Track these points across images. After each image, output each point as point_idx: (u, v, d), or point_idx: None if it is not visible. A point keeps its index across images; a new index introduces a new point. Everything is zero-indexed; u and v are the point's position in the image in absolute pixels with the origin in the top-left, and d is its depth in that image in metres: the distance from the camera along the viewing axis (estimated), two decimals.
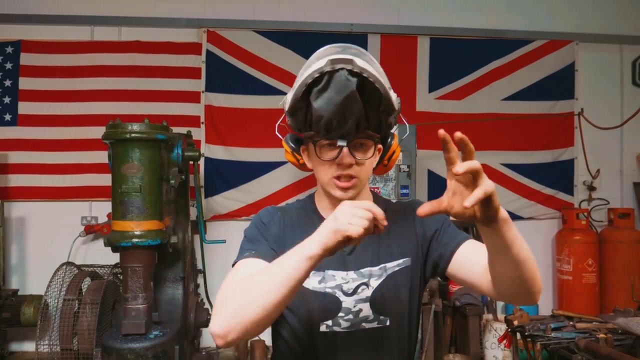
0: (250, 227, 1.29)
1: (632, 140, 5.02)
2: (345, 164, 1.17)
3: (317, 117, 1.12)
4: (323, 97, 1.09)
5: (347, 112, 1.11)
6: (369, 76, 1.09)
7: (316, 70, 1.08)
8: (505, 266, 1.05)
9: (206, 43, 4.56)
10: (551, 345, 2.62)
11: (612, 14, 5.00)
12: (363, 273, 1.24)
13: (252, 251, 1.19)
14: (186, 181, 3.65)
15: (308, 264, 0.98)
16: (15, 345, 4.36)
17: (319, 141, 1.19)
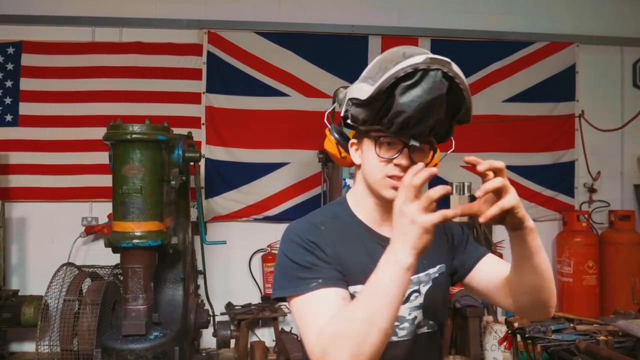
0: (296, 249, 1.17)
1: (632, 142, 5.02)
2: (404, 164, 1.14)
3: (397, 112, 1.09)
4: (410, 94, 1.06)
5: (429, 113, 1.09)
6: (460, 83, 1.09)
7: (411, 65, 1.05)
8: (526, 274, 1.13)
9: (207, 44, 4.57)
10: (551, 347, 2.62)
11: (612, 16, 5.01)
12: (413, 280, 1.22)
13: (319, 279, 1.11)
14: (187, 182, 3.65)
15: (409, 275, 0.97)
16: (16, 345, 4.36)
17: (382, 138, 1.16)
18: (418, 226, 0.94)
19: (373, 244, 1.22)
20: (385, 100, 1.10)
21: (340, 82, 4.36)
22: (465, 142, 4.79)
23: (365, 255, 1.19)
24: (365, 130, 1.20)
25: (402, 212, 0.97)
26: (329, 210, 1.30)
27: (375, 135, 1.17)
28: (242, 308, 4.38)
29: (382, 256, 1.01)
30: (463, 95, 1.12)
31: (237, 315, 4.26)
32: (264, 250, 4.59)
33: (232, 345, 4.06)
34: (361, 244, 1.21)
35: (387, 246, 1.16)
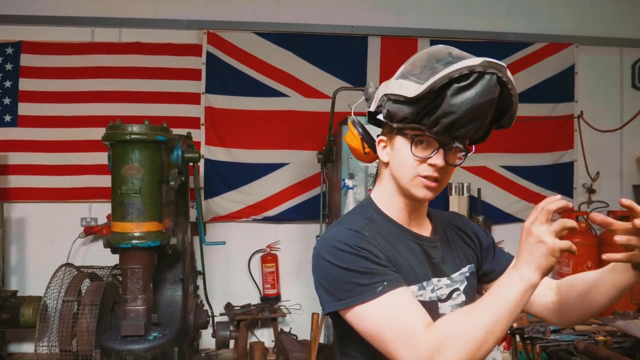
0: (347, 257, 1.10)
1: (631, 143, 5.03)
2: (439, 165, 1.14)
3: (445, 113, 1.08)
4: (463, 95, 1.05)
5: (478, 117, 1.10)
6: (512, 88, 1.10)
7: (467, 67, 1.04)
8: (609, 302, 1.20)
9: (206, 45, 4.57)
10: (550, 348, 2.62)
11: (612, 17, 5.01)
12: (454, 279, 1.25)
13: (384, 282, 1.07)
14: (186, 183, 3.65)
15: (531, 292, 0.99)
16: (14, 346, 4.36)
17: (417, 137, 1.15)
18: (545, 247, 0.96)
19: (412, 242, 1.23)
20: (434, 100, 1.09)
21: (339, 83, 4.37)
22: None
23: (410, 254, 1.20)
24: (399, 127, 1.17)
25: (530, 232, 0.99)
26: (361, 215, 1.25)
27: (412, 133, 1.15)
28: (241, 309, 4.38)
29: (506, 272, 1.04)
30: (512, 101, 1.12)
31: (237, 316, 4.25)
32: (264, 250, 4.59)
33: (231, 346, 4.06)
34: (403, 244, 1.21)
35: (424, 245, 1.24)
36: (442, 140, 1.13)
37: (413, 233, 1.24)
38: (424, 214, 1.30)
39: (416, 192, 1.18)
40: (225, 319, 4.17)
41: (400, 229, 1.23)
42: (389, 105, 1.16)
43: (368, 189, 3.58)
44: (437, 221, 1.34)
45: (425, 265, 1.21)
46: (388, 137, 1.24)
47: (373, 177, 3.39)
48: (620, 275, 1.15)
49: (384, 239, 1.18)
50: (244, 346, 4.22)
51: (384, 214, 1.25)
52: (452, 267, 1.27)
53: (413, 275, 1.17)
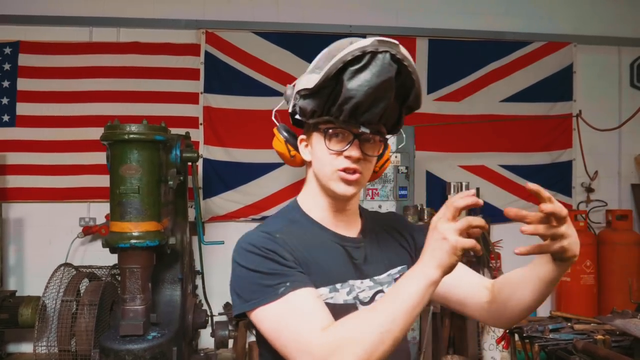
0: (254, 259, 1.09)
1: (630, 142, 5.03)
2: (355, 156, 1.12)
3: (346, 99, 1.06)
4: (359, 78, 1.03)
5: (379, 98, 1.07)
6: (409, 65, 1.07)
7: (358, 48, 1.02)
8: (539, 298, 1.15)
9: (205, 44, 4.56)
10: (549, 347, 2.62)
11: (610, 16, 5.01)
12: (377, 280, 1.21)
13: (287, 283, 1.04)
14: (184, 182, 3.65)
15: (433, 289, 0.96)
16: (13, 346, 4.35)
17: (331, 129, 1.13)
18: (448, 244, 0.93)
19: (332, 243, 1.19)
20: (334, 87, 1.08)
21: None
22: (463, 142, 4.80)
23: (327, 256, 1.16)
24: (314, 123, 1.16)
25: (436, 228, 0.96)
26: (282, 217, 1.24)
27: (324, 127, 1.14)
28: None
29: (410, 268, 1.00)
30: (412, 79, 1.09)
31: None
32: None
33: (230, 346, 4.06)
34: (321, 246, 1.17)
35: (347, 246, 1.19)
36: (354, 130, 1.11)
37: (335, 234, 1.21)
38: (353, 213, 1.26)
39: (336, 187, 1.15)
40: (224, 318, 4.17)
41: (322, 230, 1.20)
42: (300, 101, 1.15)
43: (367, 188, 3.58)
44: (368, 221, 1.30)
45: (344, 267, 1.17)
46: (307, 135, 1.22)
47: None
48: (544, 268, 1.12)
49: (300, 240, 1.15)
50: (242, 346, 4.21)
51: (307, 215, 1.22)
52: (379, 268, 1.23)
53: (324, 277, 1.12)
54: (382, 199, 3.40)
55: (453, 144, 4.78)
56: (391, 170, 3.41)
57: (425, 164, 4.73)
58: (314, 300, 1.05)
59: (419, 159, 4.50)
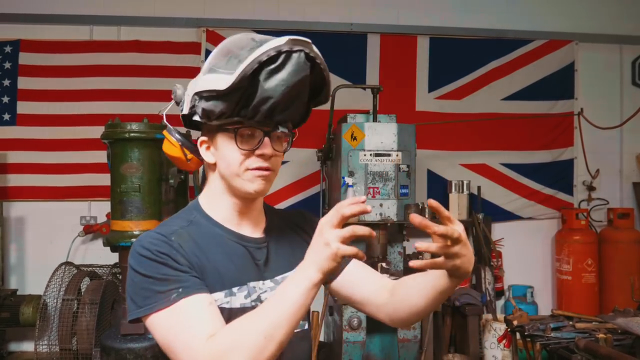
0: (147, 263, 1.05)
1: (631, 140, 5.02)
2: (268, 154, 1.11)
3: (263, 99, 1.05)
4: (276, 78, 1.03)
5: (295, 97, 1.08)
6: (321, 63, 1.09)
7: (273, 48, 1.02)
8: (430, 304, 1.18)
9: (205, 43, 4.56)
10: (551, 345, 2.61)
11: (611, 14, 5.00)
12: (278, 281, 1.19)
13: (179, 289, 1.02)
14: (185, 181, 3.64)
15: (315, 291, 0.97)
16: (14, 345, 4.35)
17: (242, 129, 1.10)
18: (329, 250, 0.94)
19: (233, 244, 1.17)
20: (247, 88, 1.05)
21: (339, 81, 4.35)
22: (464, 140, 4.80)
23: (225, 258, 1.14)
24: (219, 124, 1.13)
25: (321, 232, 0.96)
26: (181, 218, 1.19)
27: (234, 127, 1.11)
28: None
29: (294, 271, 1.00)
30: (323, 76, 1.11)
31: None
32: None
33: None
34: (220, 248, 1.14)
35: (249, 246, 1.18)
36: (267, 128, 1.11)
37: (236, 234, 1.18)
38: (258, 212, 1.24)
39: (249, 187, 1.13)
40: None
41: (223, 231, 1.17)
42: (203, 103, 1.12)
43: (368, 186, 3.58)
44: (272, 220, 1.28)
45: (243, 269, 1.15)
46: (209, 136, 1.19)
47: (371, 176, 3.38)
48: (439, 279, 1.12)
49: (196, 243, 1.12)
50: None
51: (208, 216, 1.19)
52: (282, 268, 1.20)
53: (219, 281, 1.10)
54: (383, 197, 3.39)
55: (454, 142, 4.77)
56: (392, 168, 3.41)
57: (426, 163, 4.72)
58: (205, 307, 1.03)
59: (420, 157, 4.49)
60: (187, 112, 1.18)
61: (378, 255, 3.31)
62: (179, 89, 1.24)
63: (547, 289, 4.89)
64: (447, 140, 4.75)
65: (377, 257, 3.31)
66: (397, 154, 3.42)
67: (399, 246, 3.57)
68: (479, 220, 4.44)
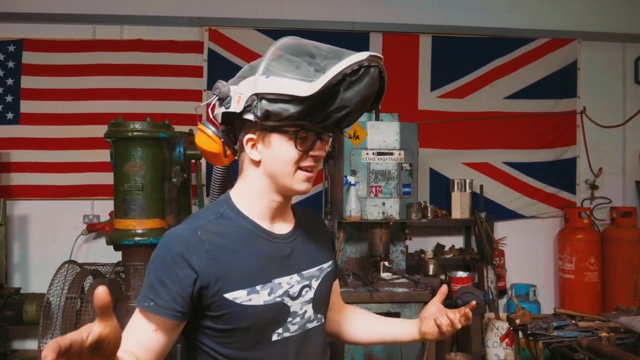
0: (159, 261, 1.13)
1: (634, 139, 5.02)
2: (321, 155, 1.20)
3: (339, 107, 1.13)
4: (354, 89, 1.11)
5: (363, 107, 1.17)
6: (385, 77, 1.17)
7: (357, 62, 1.09)
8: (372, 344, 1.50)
9: (208, 41, 4.56)
10: (553, 344, 2.62)
11: (614, 12, 4.99)
12: (305, 275, 1.25)
13: (151, 302, 1.09)
14: (188, 180, 3.65)
15: None
16: (18, 343, 4.37)
17: (301, 131, 1.15)
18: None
19: (261, 240, 1.21)
20: (326, 96, 1.11)
21: None
22: (467, 139, 4.79)
23: (251, 255, 1.17)
24: (277, 125, 1.14)
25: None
26: (211, 210, 1.23)
27: (294, 130, 1.15)
28: None
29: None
30: (384, 87, 1.19)
31: None
32: None
33: None
34: (246, 243, 1.18)
35: (276, 242, 1.24)
36: (325, 132, 1.18)
37: (265, 230, 1.22)
38: (288, 210, 1.31)
39: (298, 186, 1.20)
40: None
41: (252, 226, 1.21)
42: (266, 105, 1.12)
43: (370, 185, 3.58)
44: (299, 217, 1.35)
45: (269, 266, 1.19)
46: (258, 135, 1.19)
47: (374, 174, 3.38)
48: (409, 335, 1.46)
49: (222, 237, 1.16)
50: None
51: (238, 210, 1.22)
52: (308, 262, 1.28)
53: (242, 278, 1.14)
54: (385, 196, 3.40)
55: (457, 141, 4.77)
56: (395, 167, 3.41)
57: (428, 161, 4.72)
58: (145, 329, 1.10)
59: (423, 156, 4.49)
60: (240, 110, 1.18)
61: (380, 254, 3.31)
62: (224, 85, 1.27)
63: (549, 288, 4.89)
64: (450, 138, 4.75)
65: (379, 256, 3.31)
66: (399, 152, 3.42)
67: (401, 245, 3.57)
68: (481, 219, 4.44)
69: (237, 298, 1.12)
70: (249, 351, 1.17)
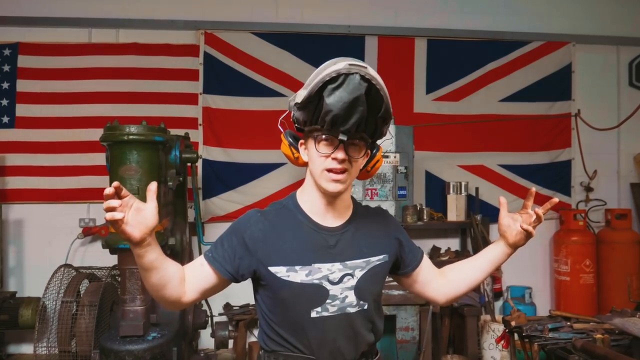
0: (231, 229, 1.48)
1: (629, 141, 5.04)
2: (339, 158, 1.33)
3: (325, 112, 1.27)
4: (335, 95, 1.25)
5: (352, 111, 1.27)
6: (376, 84, 1.27)
7: (334, 70, 1.25)
8: (482, 276, 1.62)
9: (204, 45, 4.57)
10: (548, 346, 2.63)
11: (609, 15, 5.02)
12: (348, 265, 1.42)
13: (210, 254, 1.43)
14: (184, 183, 3.65)
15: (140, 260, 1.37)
16: (13, 347, 4.35)
17: (320, 135, 1.34)
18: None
19: (309, 230, 1.42)
20: (318, 102, 1.30)
21: None
22: (462, 141, 4.81)
23: (296, 240, 1.40)
24: (308, 130, 1.40)
25: None
26: (280, 202, 1.53)
27: (315, 134, 1.36)
28: (240, 308, 4.38)
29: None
30: (380, 95, 1.29)
31: (235, 316, 4.26)
32: None
33: (230, 346, 4.07)
34: (294, 231, 1.42)
35: (323, 233, 1.44)
36: (339, 136, 1.31)
37: (315, 222, 1.44)
38: (343, 206, 1.47)
39: (326, 185, 1.37)
40: (224, 319, 4.17)
41: (304, 218, 1.44)
42: (295, 112, 1.40)
43: (366, 188, 3.59)
44: (357, 214, 1.52)
45: (311, 252, 1.40)
46: (305, 139, 1.45)
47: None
48: (500, 253, 1.59)
49: (274, 222, 1.44)
50: (242, 346, 4.22)
51: (297, 204, 1.48)
52: (354, 254, 1.43)
53: (284, 257, 1.38)
54: (381, 198, 3.41)
55: (452, 143, 4.78)
56: (390, 170, 3.42)
57: (424, 164, 4.73)
58: (198, 269, 1.43)
59: (418, 158, 4.51)
60: (292, 119, 1.45)
61: None
62: (291, 100, 1.45)
63: (545, 290, 4.90)
64: (445, 141, 4.76)
65: None
66: (395, 155, 3.43)
67: None
68: (477, 221, 4.45)
69: (277, 272, 1.37)
70: (290, 322, 1.39)
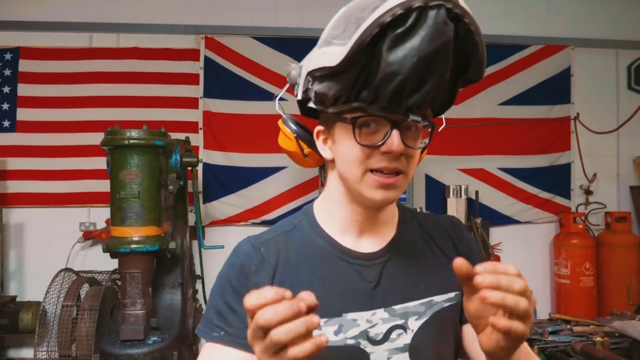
0: (224, 282, 0.93)
1: (628, 144, 5.05)
2: (396, 151, 0.83)
3: (386, 76, 0.76)
4: (405, 47, 0.73)
5: (433, 72, 0.77)
6: (470, 23, 0.76)
7: (400, 4, 0.71)
8: None
9: (204, 49, 4.58)
10: (548, 349, 2.63)
11: (607, 19, 5.04)
12: (397, 311, 0.91)
13: (222, 332, 0.89)
14: (184, 187, 3.66)
15: None
16: (13, 351, 4.35)
17: (360, 118, 0.84)
18: None
19: (336, 261, 0.93)
20: (367, 63, 0.78)
21: None
22: (462, 145, 4.82)
23: (315, 278, 0.91)
24: (336, 112, 0.86)
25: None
26: (288, 221, 1.01)
27: (352, 116, 0.84)
28: None
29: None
30: (475, 41, 0.78)
31: None
32: None
33: None
34: (314, 265, 0.93)
35: (357, 263, 0.93)
36: (395, 116, 0.82)
37: (343, 249, 0.94)
38: (384, 223, 0.98)
39: (371, 194, 0.87)
40: None
41: (326, 243, 0.95)
42: (316, 85, 0.86)
43: None
44: (404, 230, 1.00)
45: (341, 295, 0.90)
46: (327, 127, 0.93)
47: None
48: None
49: (290, 256, 0.93)
50: None
51: (315, 222, 0.97)
52: (404, 294, 0.93)
53: None
54: None
55: (452, 147, 4.79)
56: None
57: (424, 167, 4.74)
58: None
59: None
60: (301, 97, 0.93)
61: None
62: (294, 69, 0.98)
63: (545, 293, 4.91)
64: (445, 145, 4.77)
65: None
66: None
67: None
68: (477, 225, 4.46)
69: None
70: None
